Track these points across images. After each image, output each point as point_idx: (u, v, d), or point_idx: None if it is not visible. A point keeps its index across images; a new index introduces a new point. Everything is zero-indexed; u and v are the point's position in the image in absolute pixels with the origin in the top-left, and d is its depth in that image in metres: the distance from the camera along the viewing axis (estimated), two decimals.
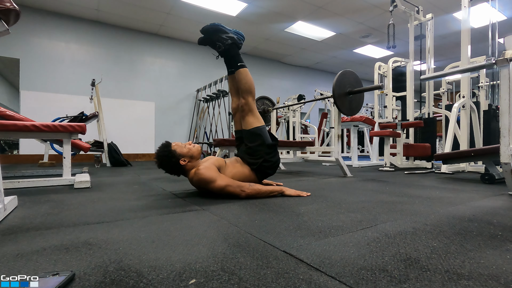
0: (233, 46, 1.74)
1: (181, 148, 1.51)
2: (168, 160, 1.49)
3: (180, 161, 1.49)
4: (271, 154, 1.69)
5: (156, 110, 5.86)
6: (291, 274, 0.58)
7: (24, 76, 4.67)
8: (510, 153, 1.51)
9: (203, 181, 1.41)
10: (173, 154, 1.48)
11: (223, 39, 1.70)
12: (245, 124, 1.72)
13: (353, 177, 2.48)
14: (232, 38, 1.72)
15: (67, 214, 1.11)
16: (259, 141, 1.66)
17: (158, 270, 0.60)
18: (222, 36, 1.70)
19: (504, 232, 0.87)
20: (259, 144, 1.66)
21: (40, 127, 1.84)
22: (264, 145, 1.67)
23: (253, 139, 1.68)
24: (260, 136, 1.67)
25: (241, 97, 1.74)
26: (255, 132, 1.68)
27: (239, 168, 1.61)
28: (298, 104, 4.33)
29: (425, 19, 3.77)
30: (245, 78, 1.74)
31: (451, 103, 4.53)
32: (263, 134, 1.69)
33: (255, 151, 1.66)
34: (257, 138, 1.67)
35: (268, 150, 1.67)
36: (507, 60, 1.52)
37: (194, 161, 1.54)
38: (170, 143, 1.54)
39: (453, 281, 0.55)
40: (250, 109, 1.71)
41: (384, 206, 1.26)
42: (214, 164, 1.48)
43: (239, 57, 1.76)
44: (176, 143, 1.54)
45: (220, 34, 1.71)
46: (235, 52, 1.76)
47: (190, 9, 4.87)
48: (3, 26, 0.98)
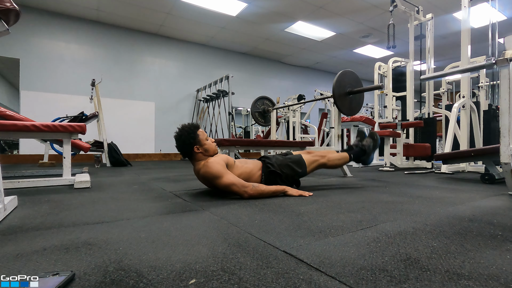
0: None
1: (203, 138, 1.56)
2: (187, 138, 1.52)
3: (195, 147, 1.53)
4: (297, 176, 1.78)
5: (156, 110, 5.86)
6: (291, 274, 0.58)
7: (24, 76, 4.67)
8: (510, 153, 1.51)
9: (210, 174, 1.43)
10: (194, 136, 1.52)
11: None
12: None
13: (353, 177, 2.48)
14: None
15: (67, 214, 1.11)
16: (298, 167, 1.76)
17: (158, 270, 0.60)
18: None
19: (504, 232, 0.87)
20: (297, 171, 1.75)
21: (40, 127, 1.84)
22: (298, 174, 1.76)
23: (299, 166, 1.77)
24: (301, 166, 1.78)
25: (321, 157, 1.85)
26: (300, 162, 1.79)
27: (246, 168, 1.63)
28: (298, 104, 4.34)
29: (425, 19, 3.77)
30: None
31: (451, 103, 4.53)
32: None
33: (300, 165, 1.75)
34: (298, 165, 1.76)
35: (298, 174, 1.76)
36: (507, 60, 1.52)
37: (206, 156, 1.56)
38: (199, 127, 1.59)
39: (453, 281, 0.55)
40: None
41: (384, 206, 1.26)
42: (224, 161, 1.50)
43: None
44: (202, 131, 1.59)
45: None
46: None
47: (190, 9, 4.87)
48: (3, 26, 0.98)
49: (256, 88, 7.06)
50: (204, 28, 5.64)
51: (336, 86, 2.34)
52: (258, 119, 4.08)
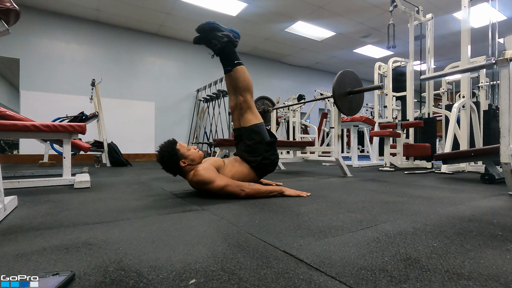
0: (229, 44, 1.72)
1: (184, 150, 1.51)
2: (170, 157, 1.48)
3: (180, 161, 1.49)
4: (270, 151, 1.69)
5: (156, 110, 5.86)
6: (291, 274, 0.58)
7: (24, 76, 4.67)
8: (510, 153, 1.51)
9: (202, 182, 1.41)
10: (176, 153, 1.48)
11: (219, 37, 1.68)
12: (244, 122, 1.71)
13: (353, 177, 2.48)
14: (228, 36, 1.70)
15: (67, 214, 1.11)
16: (258, 139, 1.66)
17: (158, 270, 0.60)
18: (218, 34, 1.68)
19: (504, 232, 0.87)
20: (258, 141, 1.66)
21: (40, 127, 1.84)
22: (263, 143, 1.66)
23: (252, 137, 1.67)
24: (259, 133, 1.67)
25: (240, 95, 1.73)
26: (254, 130, 1.68)
27: (238, 168, 1.61)
28: (298, 104, 4.33)
29: (425, 19, 3.77)
30: (242, 75, 1.72)
31: (451, 103, 4.52)
32: (262, 131, 1.68)
33: (254, 149, 1.66)
34: (256, 136, 1.67)
35: (267, 148, 1.67)
36: (507, 60, 1.52)
37: (194, 165, 1.53)
38: (176, 141, 1.53)
39: (453, 281, 0.55)
40: (248, 107, 1.70)
41: (384, 206, 1.26)
42: (213, 165, 1.49)
43: (236, 55, 1.74)
44: (181, 144, 1.53)
45: (216, 32, 1.69)
46: (231, 50, 1.74)
47: (190, 9, 4.87)
48: (3, 26, 0.98)
49: (256, 88, 6.98)
50: None
51: (336, 86, 2.34)
52: None
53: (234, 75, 1.74)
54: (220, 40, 1.68)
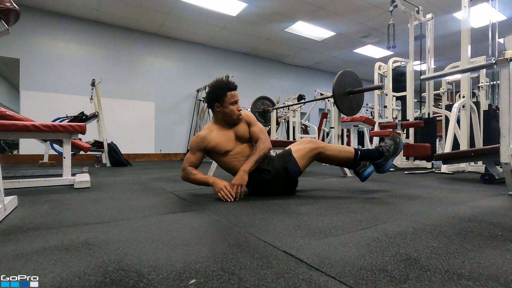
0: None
1: (230, 100, 1.49)
2: (214, 92, 1.49)
3: (215, 104, 1.50)
4: (277, 178, 1.50)
5: (156, 110, 5.86)
6: (291, 274, 0.58)
7: (24, 76, 4.67)
8: (510, 153, 1.51)
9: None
10: (220, 94, 1.48)
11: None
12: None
13: (353, 177, 2.48)
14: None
15: (67, 214, 1.11)
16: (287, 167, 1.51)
17: (158, 270, 0.60)
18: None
19: (504, 232, 0.87)
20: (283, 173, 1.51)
21: (40, 127, 1.84)
22: (288, 177, 1.51)
23: (286, 160, 1.52)
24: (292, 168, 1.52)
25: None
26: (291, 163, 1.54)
27: (242, 146, 1.55)
28: (298, 104, 4.33)
29: (425, 19, 3.77)
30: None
31: (451, 103, 4.53)
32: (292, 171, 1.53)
33: (277, 161, 1.52)
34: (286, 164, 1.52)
35: (281, 176, 1.50)
36: (507, 60, 1.52)
37: (224, 120, 1.54)
38: (235, 88, 1.51)
39: (453, 281, 0.55)
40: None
41: (384, 206, 1.26)
42: (197, 143, 1.49)
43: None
44: (233, 93, 1.50)
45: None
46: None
47: (190, 9, 4.87)
48: (3, 26, 0.98)
49: (256, 88, 7.06)
50: (204, 28, 5.64)
51: (336, 86, 2.34)
52: (258, 119, 4.08)
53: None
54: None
